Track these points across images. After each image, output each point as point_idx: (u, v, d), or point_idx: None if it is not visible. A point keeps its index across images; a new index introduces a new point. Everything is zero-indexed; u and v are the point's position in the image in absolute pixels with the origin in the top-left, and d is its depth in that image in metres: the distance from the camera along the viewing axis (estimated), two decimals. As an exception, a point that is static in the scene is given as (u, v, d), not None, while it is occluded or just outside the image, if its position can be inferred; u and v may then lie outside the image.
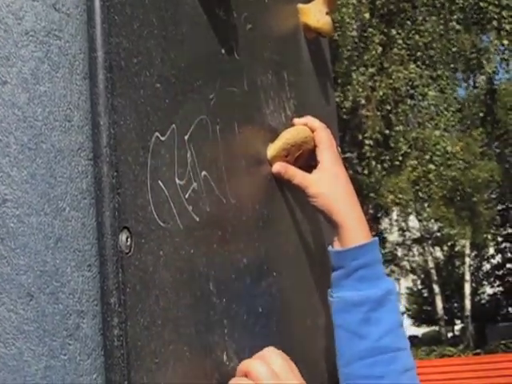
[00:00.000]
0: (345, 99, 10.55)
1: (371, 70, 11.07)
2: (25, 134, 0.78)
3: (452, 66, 12.08)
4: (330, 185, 1.28)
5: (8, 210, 0.77)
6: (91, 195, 0.80)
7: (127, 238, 0.81)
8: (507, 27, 11.74)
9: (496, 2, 11.52)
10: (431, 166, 11.45)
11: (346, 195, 1.28)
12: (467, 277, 22.21)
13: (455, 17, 11.69)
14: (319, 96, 1.58)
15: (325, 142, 1.30)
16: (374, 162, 11.61)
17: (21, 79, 0.80)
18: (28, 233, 0.77)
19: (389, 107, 11.11)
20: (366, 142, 11.14)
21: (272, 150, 1.28)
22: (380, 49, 11.00)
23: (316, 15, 1.50)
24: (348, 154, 11.24)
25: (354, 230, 1.25)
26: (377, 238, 1.27)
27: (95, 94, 0.82)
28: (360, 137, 11.16)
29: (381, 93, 11.02)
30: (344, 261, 1.24)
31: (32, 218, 0.77)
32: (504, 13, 11.57)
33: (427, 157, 11.38)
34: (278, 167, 1.26)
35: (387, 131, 11.24)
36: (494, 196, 21.90)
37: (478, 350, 18.87)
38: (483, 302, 32.04)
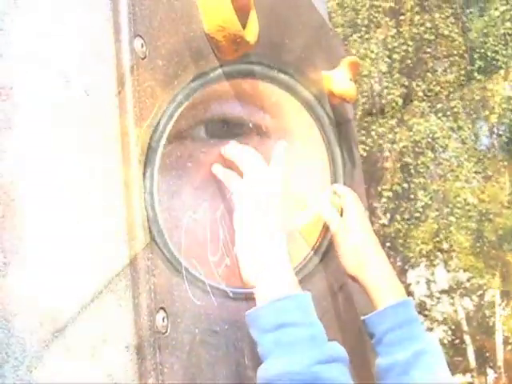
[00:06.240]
0: (364, 151, 10.53)
1: (391, 122, 11.05)
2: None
3: (474, 116, 12.03)
4: (356, 252, 1.26)
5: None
6: (127, 277, 0.81)
7: (163, 319, 0.81)
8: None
9: (504, 52, 11.49)
10: (452, 219, 11.30)
11: (372, 261, 1.26)
12: (498, 326, 21.82)
13: (476, 66, 11.69)
14: (346, 161, 1.59)
15: (351, 208, 1.30)
16: (393, 214, 11.55)
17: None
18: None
19: (409, 159, 11.05)
20: (385, 194, 11.07)
21: (303, 219, 1.29)
22: (400, 101, 11.01)
23: (340, 81, 1.52)
24: (375, 204, 11.17)
25: (379, 293, 1.22)
26: (406, 298, 1.23)
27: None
28: (379, 189, 11.11)
29: (401, 145, 10.98)
30: (372, 327, 1.22)
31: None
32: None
33: (447, 210, 11.27)
34: None
35: (405, 184, 11.16)
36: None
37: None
38: (516, 351, 31.33)
